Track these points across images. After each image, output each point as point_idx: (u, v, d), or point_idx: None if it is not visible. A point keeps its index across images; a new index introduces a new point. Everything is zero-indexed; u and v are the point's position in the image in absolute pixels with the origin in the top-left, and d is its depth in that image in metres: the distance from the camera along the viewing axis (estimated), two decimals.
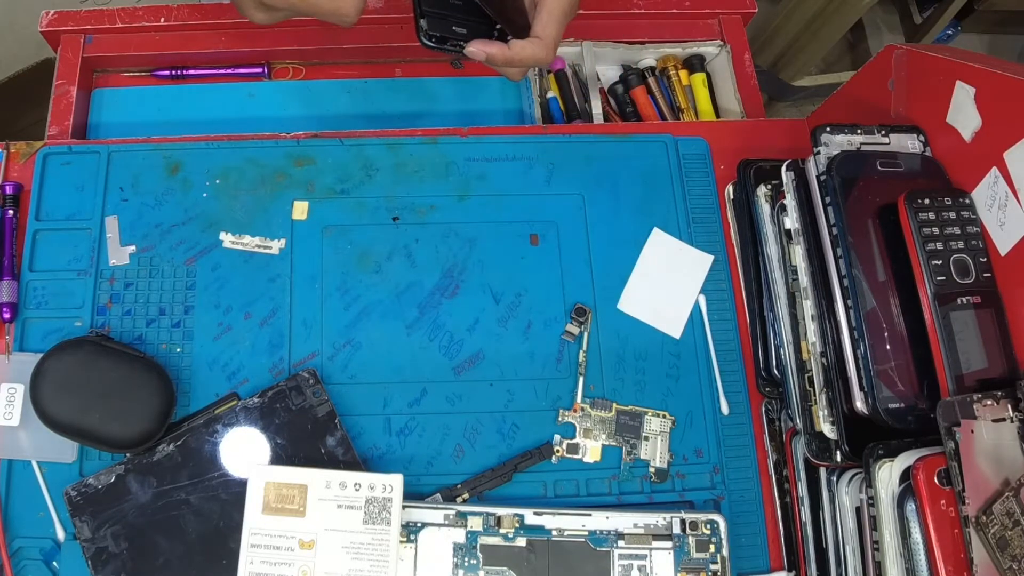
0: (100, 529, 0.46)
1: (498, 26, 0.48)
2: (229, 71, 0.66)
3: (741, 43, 0.68)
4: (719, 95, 0.68)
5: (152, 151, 0.57)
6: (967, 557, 0.40)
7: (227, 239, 0.55)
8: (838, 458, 0.47)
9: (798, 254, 0.50)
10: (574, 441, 0.52)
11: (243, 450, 0.49)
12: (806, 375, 0.50)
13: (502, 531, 0.47)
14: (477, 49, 0.47)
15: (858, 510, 0.46)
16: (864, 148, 0.51)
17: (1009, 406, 0.42)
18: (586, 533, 0.47)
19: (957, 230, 0.46)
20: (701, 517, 0.48)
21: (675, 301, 0.56)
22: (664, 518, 0.48)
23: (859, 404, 0.46)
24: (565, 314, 0.55)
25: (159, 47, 0.64)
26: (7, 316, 0.52)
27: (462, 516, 0.47)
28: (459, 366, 0.53)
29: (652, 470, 0.52)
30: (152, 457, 0.48)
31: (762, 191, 0.54)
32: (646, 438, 0.52)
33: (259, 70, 0.66)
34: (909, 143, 0.51)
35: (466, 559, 0.47)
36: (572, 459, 0.52)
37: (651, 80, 0.68)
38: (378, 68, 0.67)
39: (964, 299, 0.45)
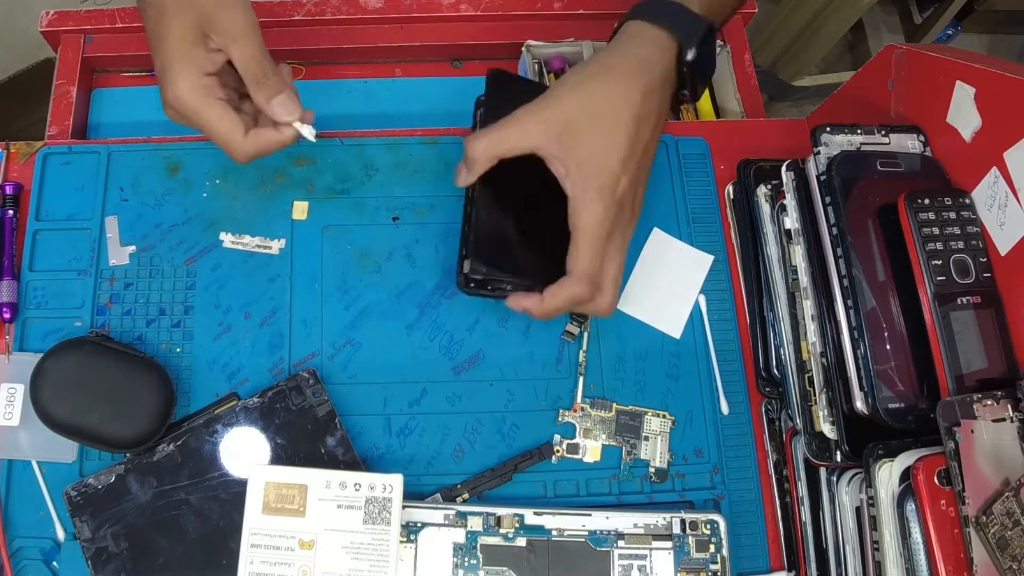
0: (100, 529, 0.46)
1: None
2: None
3: (741, 43, 0.68)
4: (719, 95, 0.68)
5: (152, 151, 0.57)
6: (967, 557, 0.40)
7: (227, 239, 0.55)
8: (838, 458, 0.47)
9: (798, 254, 0.51)
10: (574, 441, 0.52)
11: (243, 450, 0.49)
12: (806, 375, 0.50)
13: (502, 531, 0.47)
14: (514, 303, 0.48)
15: (858, 510, 0.46)
16: (864, 148, 0.51)
17: (1009, 406, 0.42)
18: (586, 533, 0.47)
19: (957, 230, 0.46)
20: (701, 517, 0.48)
21: (675, 301, 0.56)
22: (664, 518, 0.48)
23: (859, 404, 0.46)
24: (565, 314, 0.55)
25: None
26: (7, 316, 0.52)
27: (462, 516, 0.47)
28: (459, 366, 0.53)
29: (652, 470, 0.52)
30: (152, 457, 0.48)
31: (762, 191, 0.54)
32: (646, 438, 0.52)
33: None
34: (909, 143, 0.51)
35: (466, 559, 0.47)
36: (572, 459, 0.52)
37: None
38: (378, 68, 0.67)
39: (964, 299, 0.45)
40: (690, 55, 0.46)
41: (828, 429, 0.47)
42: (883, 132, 0.51)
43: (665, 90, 0.47)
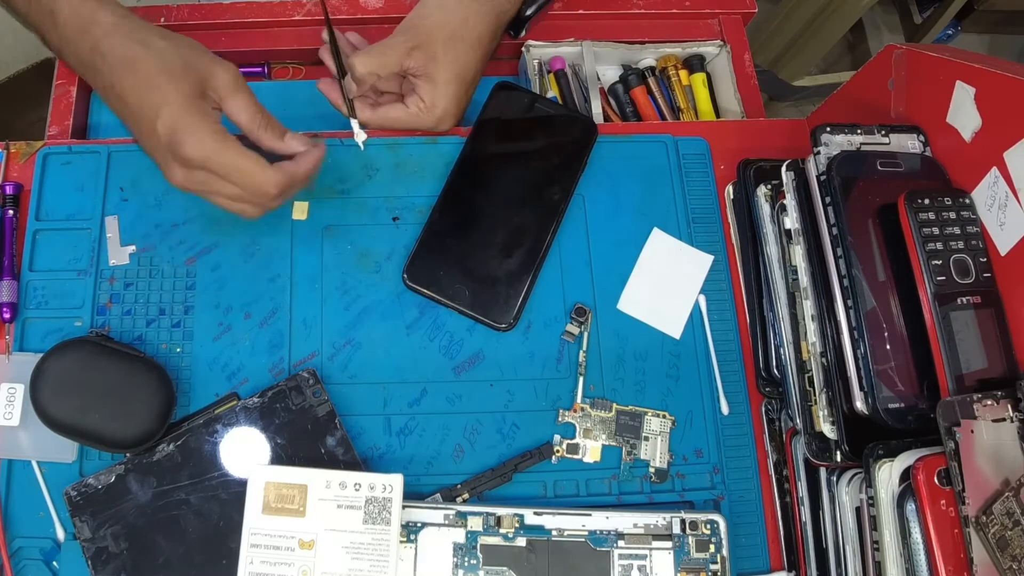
0: (100, 529, 0.46)
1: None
2: None
3: (741, 43, 0.68)
4: (719, 95, 0.68)
5: None
6: (967, 557, 0.40)
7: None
8: (838, 458, 0.47)
9: (798, 254, 0.51)
10: (574, 441, 0.52)
11: (243, 450, 0.49)
12: (806, 375, 0.50)
13: (502, 531, 0.47)
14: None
15: (858, 510, 0.46)
16: (864, 148, 0.51)
17: (1009, 406, 0.42)
18: (586, 533, 0.47)
19: (957, 230, 0.46)
20: (701, 517, 0.48)
21: (675, 301, 0.56)
22: (664, 518, 0.48)
23: (859, 404, 0.46)
24: (565, 314, 0.55)
25: None
26: (7, 316, 0.52)
27: (462, 516, 0.47)
28: (459, 366, 0.53)
29: (652, 470, 0.52)
30: (152, 457, 0.48)
31: (762, 191, 0.54)
32: (646, 438, 0.52)
33: (259, 70, 0.66)
34: (909, 143, 0.51)
35: (466, 559, 0.47)
36: (572, 459, 0.52)
37: (651, 80, 0.68)
38: None
39: (964, 299, 0.45)
40: (529, 11, 0.62)
41: (828, 429, 0.47)
42: (883, 132, 0.51)
43: (501, 32, 0.60)
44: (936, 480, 0.41)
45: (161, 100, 0.47)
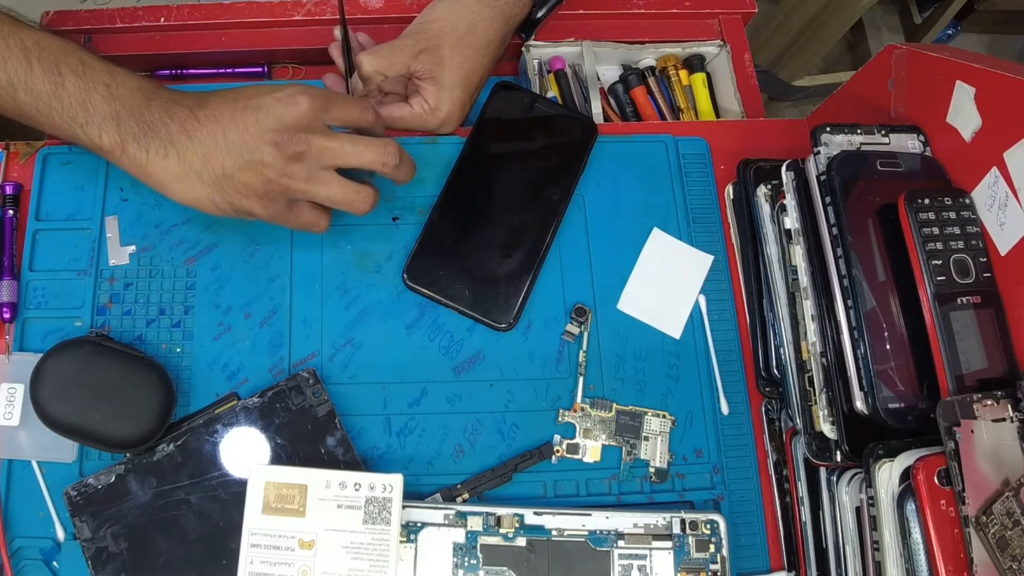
0: (100, 529, 0.46)
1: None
2: (229, 71, 0.66)
3: (741, 43, 0.68)
4: (719, 95, 0.68)
5: None
6: (967, 557, 0.40)
7: None
8: (838, 458, 0.47)
9: (798, 254, 0.51)
10: (574, 441, 0.52)
11: (243, 450, 0.49)
12: (806, 375, 0.50)
13: (502, 531, 0.47)
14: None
15: (858, 510, 0.46)
16: (864, 148, 0.51)
17: (1009, 406, 0.42)
18: (586, 533, 0.47)
19: (957, 230, 0.46)
20: (701, 517, 0.48)
21: (675, 301, 0.56)
22: (664, 518, 0.48)
23: (859, 404, 0.46)
24: (565, 314, 0.55)
25: (159, 47, 0.64)
26: (7, 316, 0.52)
27: (462, 516, 0.47)
28: (459, 366, 0.53)
29: (652, 470, 0.52)
30: (152, 457, 0.48)
31: (762, 191, 0.54)
32: (646, 438, 0.52)
33: (259, 70, 0.66)
34: (909, 143, 0.51)
35: (466, 559, 0.47)
36: (572, 459, 0.52)
37: (651, 80, 0.68)
38: None
39: (964, 299, 0.45)
40: (540, 13, 0.62)
41: (828, 429, 0.47)
42: (883, 132, 0.51)
43: (510, 37, 0.61)
44: (936, 480, 0.41)
45: (267, 90, 0.47)
